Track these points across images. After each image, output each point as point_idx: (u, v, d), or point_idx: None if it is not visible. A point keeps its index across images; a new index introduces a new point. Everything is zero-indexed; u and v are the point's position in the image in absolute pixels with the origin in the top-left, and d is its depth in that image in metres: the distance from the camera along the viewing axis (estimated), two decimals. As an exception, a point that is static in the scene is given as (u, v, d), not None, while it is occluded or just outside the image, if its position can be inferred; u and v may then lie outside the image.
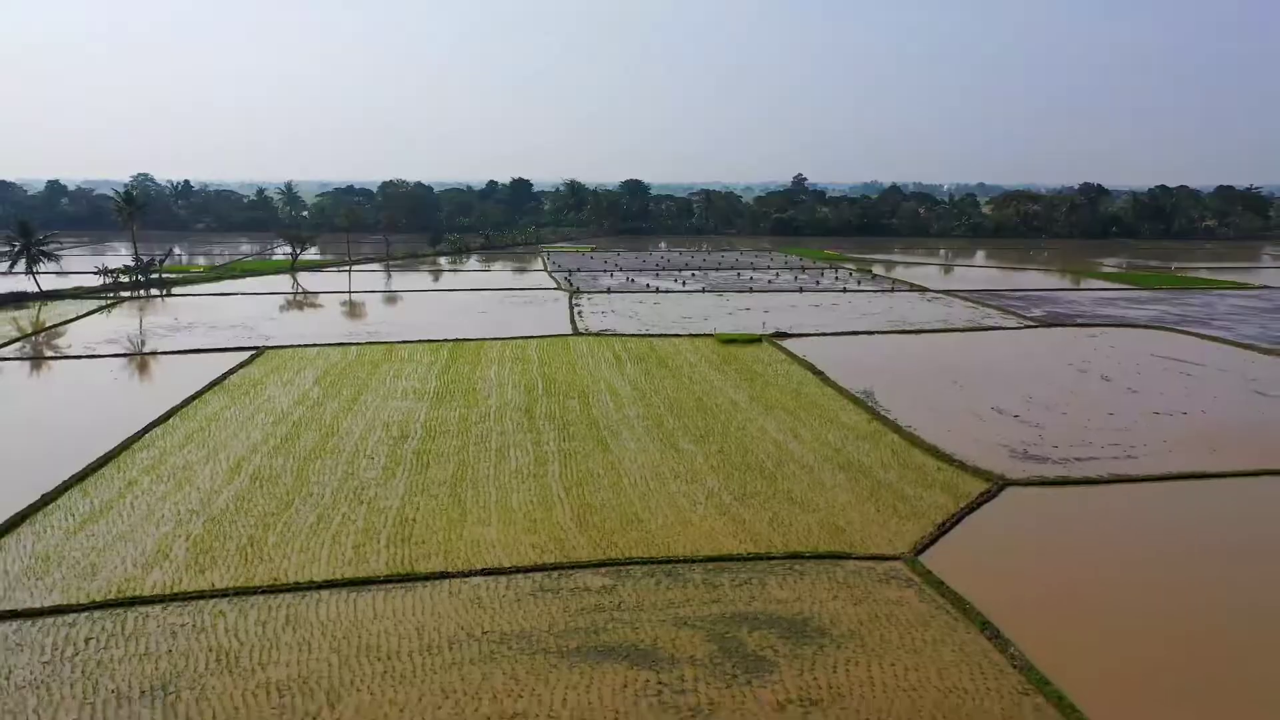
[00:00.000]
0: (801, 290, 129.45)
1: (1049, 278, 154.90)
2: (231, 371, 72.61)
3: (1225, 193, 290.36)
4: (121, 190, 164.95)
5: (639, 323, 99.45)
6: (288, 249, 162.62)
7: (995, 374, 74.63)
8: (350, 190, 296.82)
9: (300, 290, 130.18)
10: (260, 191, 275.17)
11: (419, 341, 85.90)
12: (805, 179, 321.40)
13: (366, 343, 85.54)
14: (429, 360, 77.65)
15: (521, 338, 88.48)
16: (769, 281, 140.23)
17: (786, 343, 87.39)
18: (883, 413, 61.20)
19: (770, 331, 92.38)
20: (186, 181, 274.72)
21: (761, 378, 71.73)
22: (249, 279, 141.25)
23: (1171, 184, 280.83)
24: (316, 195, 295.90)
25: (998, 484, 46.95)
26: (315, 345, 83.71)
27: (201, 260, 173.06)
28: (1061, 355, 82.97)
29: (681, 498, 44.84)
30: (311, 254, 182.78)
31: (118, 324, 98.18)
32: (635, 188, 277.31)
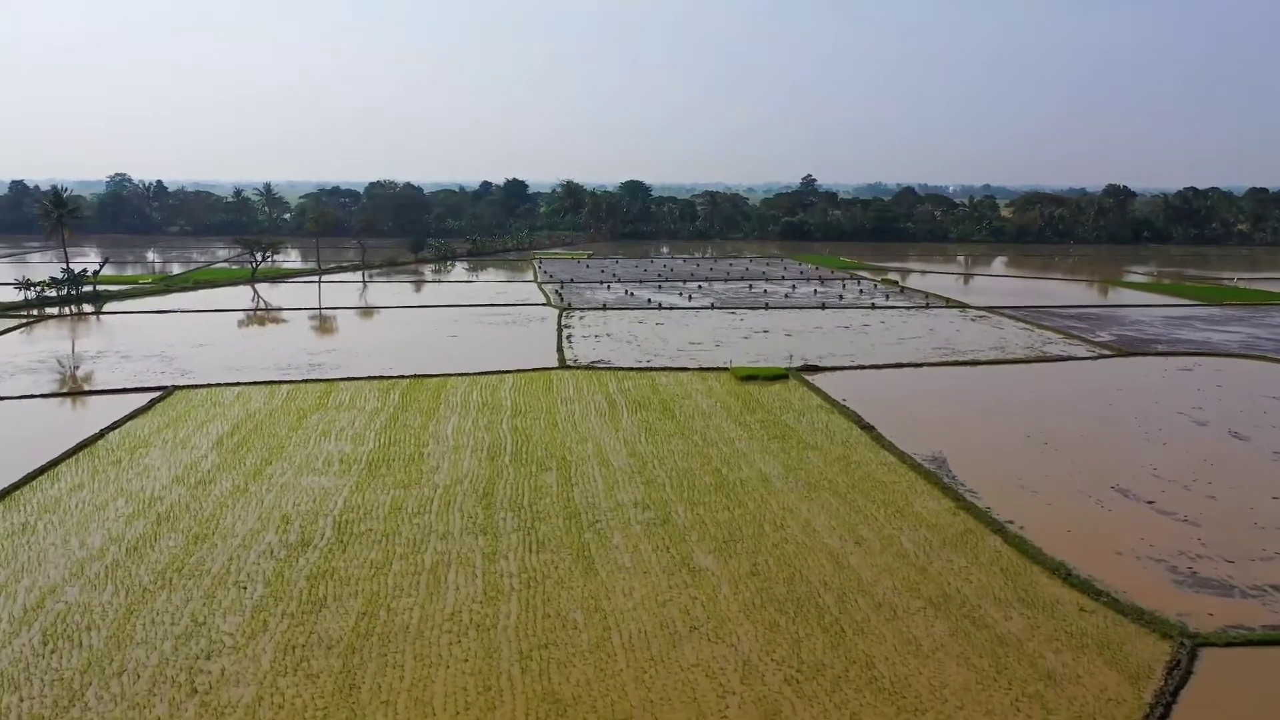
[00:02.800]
0: (824, 306, 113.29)
1: (1094, 290, 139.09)
2: (118, 424, 56.56)
3: (1259, 195, 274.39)
4: (64, 190, 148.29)
5: (639, 350, 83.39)
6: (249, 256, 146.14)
7: (1091, 429, 58.46)
8: (336, 191, 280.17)
9: (257, 306, 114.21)
10: (238, 192, 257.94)
11: (367, 378, 69.79)
12: (815, 180, 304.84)
13: (303, 380, 69.41)
14: (373, 406, 61.59)
15: (495, 372, 72.34)
16: (785, 295, 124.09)
17: (818, 379, 71.34)
18: (967, 496, 45.07)
19: (797, 364, 76.21)
20: (159, 181, 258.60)
21: (796, 435, 55.62)
22: (202, 291, 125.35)
23: (1182, 185, 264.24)
24: (300, 196, 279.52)
25: (1183, 644, 30.80)
26: (238, 384, 67.54)
27: (177, 267, 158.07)
28: (1162, 398, 66.82)
29: (702, 676, 28.75)
30: (293, 260, 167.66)
31: (20, 351, 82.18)
32: (635, 188, 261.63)
